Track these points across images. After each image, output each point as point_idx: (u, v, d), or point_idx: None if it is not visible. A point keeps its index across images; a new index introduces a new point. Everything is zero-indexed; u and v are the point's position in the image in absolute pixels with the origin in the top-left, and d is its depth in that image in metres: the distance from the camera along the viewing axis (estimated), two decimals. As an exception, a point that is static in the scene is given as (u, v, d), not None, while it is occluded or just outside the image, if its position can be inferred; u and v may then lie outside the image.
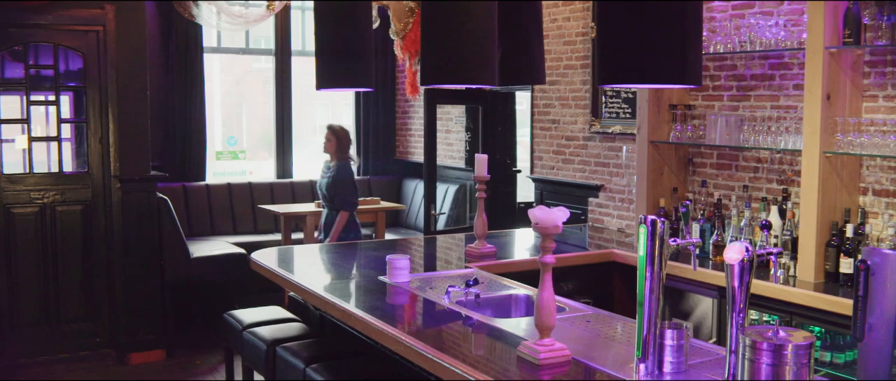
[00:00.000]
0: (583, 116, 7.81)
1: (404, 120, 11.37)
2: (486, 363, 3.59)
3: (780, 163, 5.89)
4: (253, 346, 5.22)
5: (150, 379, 7.33)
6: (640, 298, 3.26)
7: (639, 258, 3.27)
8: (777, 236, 5.44)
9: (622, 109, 7.32)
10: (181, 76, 9.89)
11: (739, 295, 2.93)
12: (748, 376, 2.74)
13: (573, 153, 7.95)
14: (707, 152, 6.43)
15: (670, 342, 3.28)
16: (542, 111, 8.38)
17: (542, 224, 3.34)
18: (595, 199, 7.63)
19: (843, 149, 5.14)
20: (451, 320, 4.25)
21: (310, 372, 4.52)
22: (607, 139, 7.52)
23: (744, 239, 5.47)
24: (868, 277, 2.44)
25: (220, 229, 9.82)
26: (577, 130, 7.90)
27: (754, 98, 6.06)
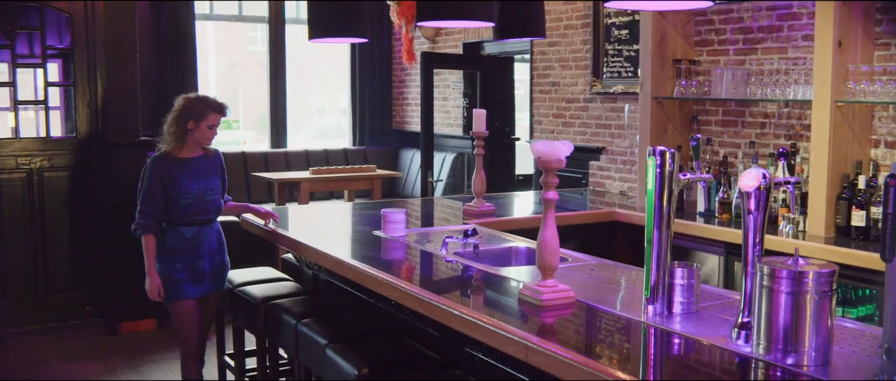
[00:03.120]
0: (583, 77, 7.62)
1: (401, 89, 11.18)
2: (486, 307, 3.41)
3: (787, 117, 5.71)
4: (244, 304, 5.06)
5: (141, 348, 7.15)
6: (648, 234, 3.08)
7: (647, 192, 3.08)
8: (786, 192, 5.25)
9: (624, 68, 7.13)
10: (172, 43, 9.69)
11: (757, 224, 2.74)
12: (766, 307, 2.56)
13: (573, 116, 7.76)
14: (712, 109, 6.24)
15: (680, 281, 3.11)
16: (541, 74, 8.19)
17: (545, 158, 3.16)
18: (596, 162, 7.44)
19: (856, 97, 4.95)
20: (449, 269, 4.07)
21: (301, 327, 4.34)
22: (609, 100, 7.33)
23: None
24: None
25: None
26: (577, 92, 7.72)
27: (761, 51, 5.87)
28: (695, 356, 2.78)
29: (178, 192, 4.94)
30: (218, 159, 5.22)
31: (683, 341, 2.89)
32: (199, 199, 5.01)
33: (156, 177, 4.93)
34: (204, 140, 5.03)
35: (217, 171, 5.18)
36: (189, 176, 4.99)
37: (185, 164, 5.01)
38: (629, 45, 7.06)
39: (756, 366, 2.60)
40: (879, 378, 2.36)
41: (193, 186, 4.98)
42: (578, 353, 2.68)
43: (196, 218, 5.03)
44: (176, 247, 5.02)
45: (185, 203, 4.97)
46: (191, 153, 5.05)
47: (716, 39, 6.21)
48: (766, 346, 2.58)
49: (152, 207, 4.93)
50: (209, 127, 4.99)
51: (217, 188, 5.15)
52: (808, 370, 2.50)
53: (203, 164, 5.09)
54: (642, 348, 2.92)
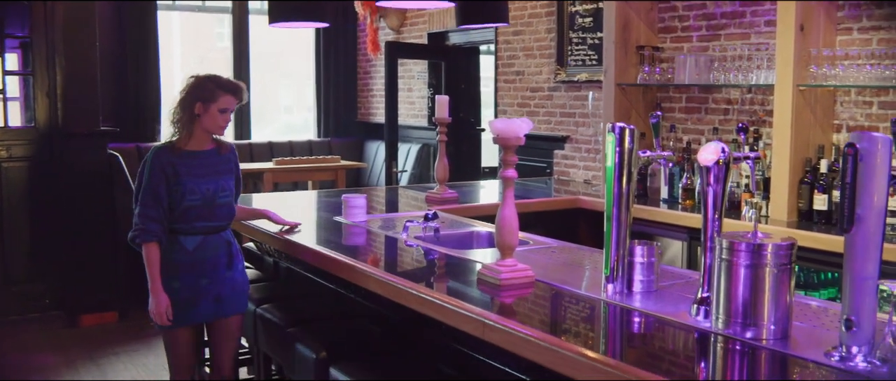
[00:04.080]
0: (548, 66, 7.59)
1: (366, 80, 11.11)
2: (445, 288, 3.37)
3: (751, 103, 5.70)
4: (203, 292, 4.97)
5: (102, 341, 7.05)
6: (608, 212, 3.05)
7: (606, 169, 3.05)
8: (748, 176, 5.25)
9: (588, 56, 7.10)
10: (134, 33, 9.57)
11: (716, 198, 2.72)
12: (725, 280, 2.54)
13: (538, 105, 7.73)
14: (675, 96, 6.23)
15: (640, 259, 3.08)
16: (506, 63, 8.16)
17: (504, 135, 3.12)
18: (560, 151, 7.42)
19: (818, 82, 4.95)
20: (410, 252, 4.03)
21: (260, 312, 4.29)
22: (573, 88, 7.31)
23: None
24: (856, 162, 2.23)
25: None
26: (541, 81, 7.69)
27: (724, 37, 5.87)
28: (653, 332, 2.75)
29: (182, 191, 4.00)
30: (233, 155, 4.28)
31: (642, 317, 2.86)
32: (209, 202, 4.07)
33: (158, 170, 3.99)
34: (215, 128, 4.08)
35: (231, 169, 4.24)
36: (197, 173, 4.05)
37: (192, 158, 4.07)
38: (593, 33, 7.03)
39: (715, 340, 2.57)
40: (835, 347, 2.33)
41: (202, 186, 4.04)
42: (536, 329, 2.64)
43: (201, 225, 4.08)
44: (174, 262, 4.06)
45: (188, 205, 4.02)
46: (200, 146, 4.10)
47: (679, 26, 6.20)
48: (725, 320, 2.56)
49: (156, 208, 3.98)
50: (221, 111, 4.05)
51: (230, 190, 4.20)
52: (767, 343, 2.48)
53: (215, 160, 4.15)
54: (602, 324, 2.89)
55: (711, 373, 2.42)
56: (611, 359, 2.41)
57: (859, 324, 2.29)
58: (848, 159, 2.25)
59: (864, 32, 5.04)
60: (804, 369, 2.34)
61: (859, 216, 2.26)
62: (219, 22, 11.64)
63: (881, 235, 2.28)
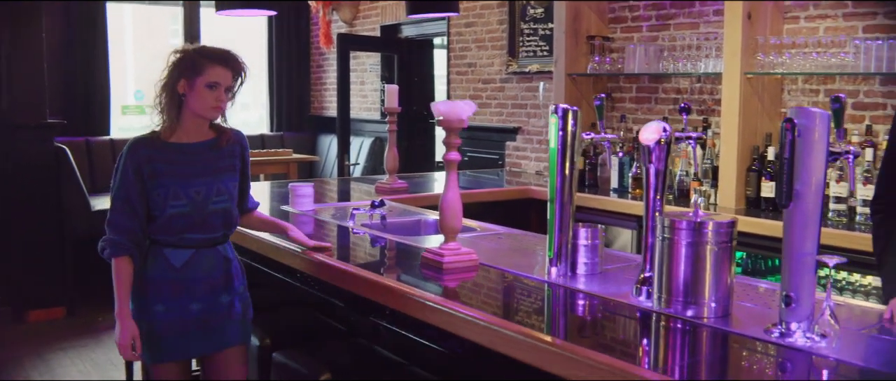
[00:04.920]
0: (500, 57, 7.58)
1: (319, 74, 11.05)
2: (389, 272, 3.33)
3: (700, 93, 5.72)
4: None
5: (49, 337, 6.95)
6: (552, 194, 3.04)
7: (550, 151, 3.04)
8: (697, 164, 5.27)
9: (540, 47, 7.10)
10: (83, 25, 9.44)
11: (658, 177, 2.71)
12: (666, 259, 2.52)
13: (490, 96, 7.72)
14: (626, 86, 6.24)
15: (584, 241, 3.07)
16: (458, 55, 8.13)
17: (447, 117, 3.09)
18: (512, 142, 7.40)
19: (765, 69, 4.97)
20: (356, 239, 3.99)
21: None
22: (524, 79, 7.29)
23: (664, 170, 5.27)
24: (794, 137, 2.22)
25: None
26: (493, 72, 7.67)
27: (674, 27, 5.88)
28: (595, 312, 2.74)
29: (163, 195, 3.23)
30: (238, 147, 3.45)
31: (584, 298, 2.85)
32: (199, 208, 3.28)
33: (131, 169, 3.23)
34: (205, 110, 3.24)
35: (234, 165, 3.42)
36: (184, 172, 3.26)
37: (179, 153, 3.28)
38: (544, 23, 7.03)
39: (657, 319, 2.56)
40: (775, 324, 2.33)
41: (189, 189, 3.26)
42: (477, 310, 2.62)
43: (191, 237, 3.31)
44: (157, 280, 3.30)
45: (173, 213, 3.24)
46: (192, 136, 3.32)
47: (629, 16, 6.20)
48: (666, 299, 2.55)
49: (127, 216, 3.22)
50: (209, 87, 3.21)
51: (230, 192, 3.38)
52: (708, 321, 2.47)
53: (210, 154, 3.34)
54: (545, 305, 2.87)
55: (653, 351, 2.40)
56: (552, 338, 2.39)
57: (798, 300, 2.29)
58: (786, 135, 2.24)
59: (810, 21, 5.07)
60: (744, 345, 2.33)
61: (798, 192, 2.26)
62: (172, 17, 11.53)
63: (819, 211, 2.28)
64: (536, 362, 2.33)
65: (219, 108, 3.28)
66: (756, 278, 3.31)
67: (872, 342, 2.38)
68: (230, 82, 3.30)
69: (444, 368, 3.01)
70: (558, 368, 2.26)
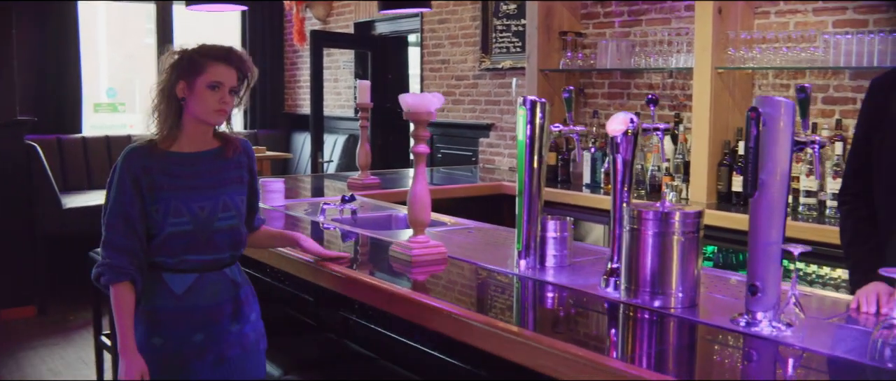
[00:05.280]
0: (473, 54, 7.57)
1: (293, 72, 11.01)
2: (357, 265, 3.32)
3: (672, 88, 5.73)
4: (117, 280, 4.85)
5: (20, 336, 6.88)
6: (520, 186, 3.03)
7: (518, 143, 3.03)
8: (669, 160, 5.28)
9: (513, 43, 7.09)
10: (55, 23, 9.37)
11: (625, 168, 2.71)
12: (633, 249, 2.52)
13: (463, 93, 7.71)
14: (598, 82, 6.24)
15: (553, 234, 3.06)
16: (431, 51, 8.12)
17: (415, 110, 3.08)
18: (486, 139, 7.40)
19: (736, 64, 4.98)
20: (326, 234, 3.97)
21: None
22: (498, 76, 7.29)
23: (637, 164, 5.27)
24: (759, 126, 2.22)
25: (97, 183, 9.32)
26: (466, 69, 7.66)
27: (646, 22, 5.89)
28: (563, 304, 2.73)
29: (162, 212, 2.87)
30: (246, 158, 3.09)
31: (552, 289, 2.84)
32: (203, 226, 2.91)
33: (129, 182, 2.86)
34: (207, 114, 2.89)
35: (242, 177, 3.06)
36: (186, 185, 2.91)
37: (180, 165, 2.93)
38: (517, 19, 7.02)
39: (624, 310, 2.56)
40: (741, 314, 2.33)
41: (192, 204, 2.90)
42: (444, 301, 2.61)
43: (194, 259, 2.93)
44: (156, 309, 2.93)
45: (173, 232, 2.88)
46: (194, 145, 2.96)
47: (602, 12, 6.21)
48: (634, 290, 2.55)
49: (126, 236, 2.86)
50: (211, 87, 2.86)
51: (237, 208, 3.01)
52: (675, 311, 2.47)
53: (215, 164, 2.99)
54: (513, 296, 2.86)
55: (620, 341, 2.40)
56: (519, 329, 2.38)
57: (764, 289, 2.29)
58: (751, 124, 2.24)
59: (781, 16, 5.09)
60: (710, 335, 2.33)
61: (763, 181, 2.26)
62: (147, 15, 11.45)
63: (785, 201, 2.28)
64: (503, 352, 2.33)
65: (223, 111, 2.91)
66: (728, 271, 3.31)
67: (838, 331, 2.38)
68: (234, 83, 2.94)
69: (414, 361, 3.00)
70: (525, 358, 2.26)
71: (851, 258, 2.88)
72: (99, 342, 5.50)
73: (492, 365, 2.44)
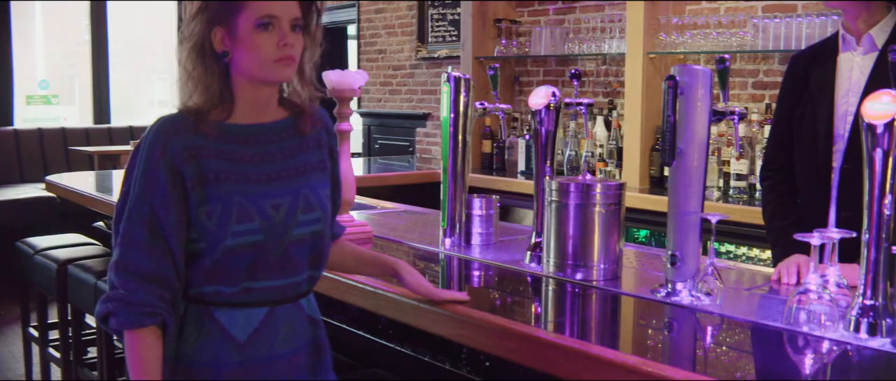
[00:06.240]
0: (409, 43, 7.54)
1: (230, 64, 10.91)
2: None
3: (605, 75, 5.75)
4: (44, 269, 4.76)
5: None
6: (444, 164, 3.02)
7: (442, 120, 3.01)
8: (603, 146, 5.29)
9: (448, 32, 7.07)
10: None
11: (547, 142, 2.70)
12: (555, 222, 2.51)
13: (400, 83, 7.68)
14: (533, 70, 6.24)
15: (479, 212, 3.05)
16: (368, 42, 8.08)
17: (338, 87, 3.05)
18: (422, 128, 7.37)
19: (667, 49, 5.01)
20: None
21: (101, 285, 4.12)
22: (434, 65, 7.27)
23: (569, 151, 5.29)
24: (676, 95, 2.22)
25: (30, 176, 9.16)
26: (403, 59, 7.63)
27: (580, 9, 5.90)
28: (486, 279, 2.72)
29: (219, 214, 1.95)
30: (324, 132, 2.17)
31: (476, 266, 2.83)
32: (276, 234, 1.99)
33: (161, 171, 1.94)
34: (264, 67, 1.96)
35: (324, 161, 2.16)
36: (253, 172, 2.01)
37: (243, 140, 2.03)
38: (453, 8, 7.00)
39: (546, 283, 2.55)
40: (661, 284, 2.33)
41: (263, 200, 1.99)
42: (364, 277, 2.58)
43: (262, 286, 2.00)
44: (206, 365, 1.99)
45: (235, 245, 1.95)
46: (255, 114, 2.06)
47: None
48: (556, 263, 2.54)
49: (150, 254, 1.93)
50: (260, 25, 1.94)
51: (324, 207, 2.10)
52: (597, 283, 2.47)
53: (290, 142, 2.09)
54: (438, 271, 2.84)
55: (543, 312, 2.39)
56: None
57: (683, 259, 2.29)
58: (668, 92, 2.24)
59: (711, 1, 5.12)
60: (631, 305, 2.34)
61: (680, 150, 2.26)
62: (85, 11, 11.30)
63: (704, 170, 2.28)
64: (424, 325, 2.30)
65: (288, 59, 1.97)
66: (655, 248, 3.32)
67: (757, 299, 2.39)
68: (296, 13, 1.99)
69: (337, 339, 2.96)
70: (446, 330, 2.23)
71: (773, 232, 2.89)
72: (27, 335, 5.41)
73: (413, 339, 2.42)
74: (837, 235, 2.07)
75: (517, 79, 6.31)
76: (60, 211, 5.70)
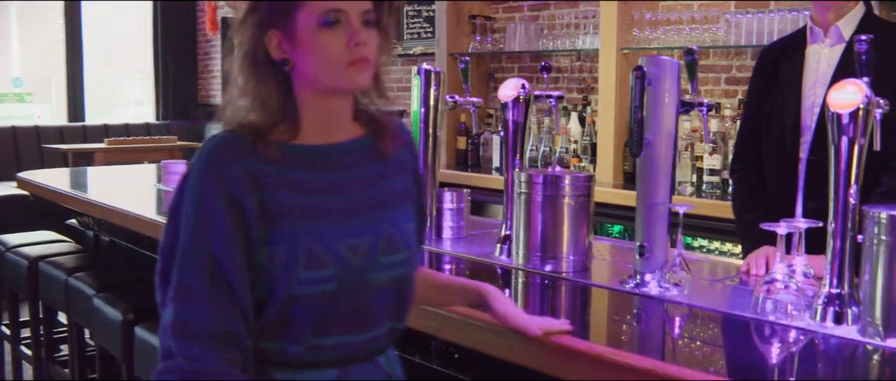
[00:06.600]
0: (384, 40, 7.52)
1: (206, 62, 10.86)
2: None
3: (580, 71, 5.75)
4: (15, 266, 4.73)
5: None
6: (416, 157, 3.00)
7: (412, 113, 3.01)
8: (577, 142, 5.30)
9: (424, 29, 7.06)
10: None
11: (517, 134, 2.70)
12: (524, 215, 2.51)
13: (376, 80, 7.65)
14: (508, 66, 6.24)
15: (449, 205, 3.05)
16: (344, 39, 8.05)
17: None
18: (399, 125, 7.36)
19: (640, 44, 5.01)
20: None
21: (72, 281, 4.09)
22: (409, 62, 7.25)
23: (543, 147, 5.30)
24: (643, 86, 2.22)
25: (3, 174, 9.04)
26: (379, 56, 7.61)
27: (554, 6, 5.90)
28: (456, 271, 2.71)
29: (285, 257, 1.60)
30: (407, 152, 1.87)
31: (447, 259, 2.82)
32: (353, 279, 1.65)
33: (219, 205, 1.59)
34: (336, 75, 1.63)
35: (409, 188, 1.82)
36: (326, 205, 1.67)
37: (312, 165, 1.69)
38: (428, 4, 6.99)
39: (516, 275, 2.55)
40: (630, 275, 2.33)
41: (338, 241, 1.65)
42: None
43: (334, 342, 1.67)
44: None
45: (304, 295, 1.61)
46: (323, 134, 1.71)
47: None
48: (526, 255, 2.54)
49: (214, 307, 1.56)
50: (324, 22, 1.60)
51: (409, 245, 1.76)
52: (566, 274, 2.47)
53: (369, 167, 1.76)
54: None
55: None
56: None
57: (651, 250, 2.29)
58: (636, 83, 2.24)
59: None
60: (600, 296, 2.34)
61: (648, 141, 2.26)
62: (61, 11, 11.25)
63: (672, 161, 2.28)
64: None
65: (363, 60, 1.63)
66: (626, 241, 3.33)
67: (725, 290, 2.40)
68: (367, 5, 1.65)
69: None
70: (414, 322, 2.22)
71: (742, 224, 2.90)
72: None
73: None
74: (804, 224, 2.08)
75: (492, 75, 6.31)
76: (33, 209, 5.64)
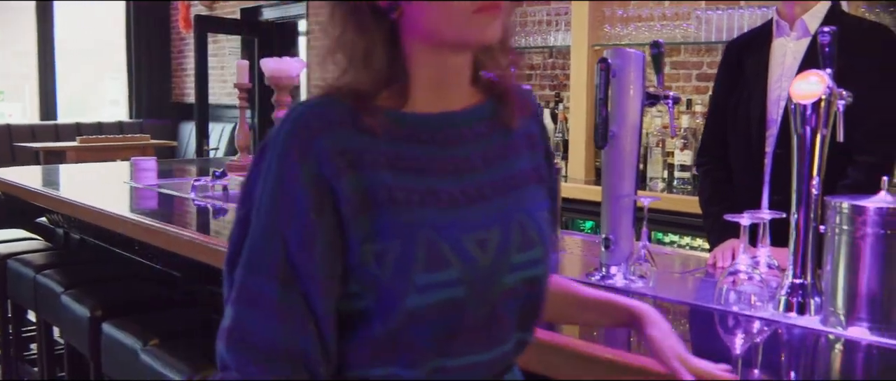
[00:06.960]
0: (359, 38, 7.51)
1: (180, 60, 10.82)
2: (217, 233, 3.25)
3: (552, 68, 5.76)
4: (-17, 265, 4.69)
5: None
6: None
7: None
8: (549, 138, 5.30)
9: (397, 26, 7.06)
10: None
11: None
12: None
13: (350, 78, 7.64)
14: (481, 63, 6.24)
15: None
16: (317, 38, 8.05)
17: (275, 75, 3.03)
18: (372, 123, 7.35)
19: (611, 41, 5.03)
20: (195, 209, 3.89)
21: (40, 279, 4.06)
22: (383, 59, 7.25)
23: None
24: (608, 78, 2.23)
25: (-25, 174, 9.05)
26: (353, 53, 7.59)
27: (526, 4, 5.90)
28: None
29: (395, 256, 1.19)
30: (535, 123, 1.43)
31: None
32: (482, 282, 1.23)
33: (301, 187, 1.19)
34: (459, 25, 1.20)
35: (539, 166, 1.42)
36: (446, 189, 1.25)
37: (427, 138, 1.27)
38: (402, 2, 7.00)
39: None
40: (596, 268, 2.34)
41: (463, 234, 1.24)
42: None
43: (458, 365, 1.26)
44: None
45: (423, 306, 1.19)
46: (439, 99, 1.29)
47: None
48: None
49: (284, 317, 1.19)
50: None
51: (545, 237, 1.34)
52: (532, 268, 2.46)
53: (494, 139, 1.34)
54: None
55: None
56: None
57: (617, 242, 2.29)
58: (600, 75, 2.24)
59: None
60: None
61: (613, 133, 2.27)
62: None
63: (637, 153, 2.29)
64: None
65: (495, 7, 1.22)
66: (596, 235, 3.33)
67: (690, 281, 2.41)
68: None
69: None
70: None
71: (708, 218, 2.91)
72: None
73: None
74: (768, 215, 2.09)
75: (465, 72, 6.31)
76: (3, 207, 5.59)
